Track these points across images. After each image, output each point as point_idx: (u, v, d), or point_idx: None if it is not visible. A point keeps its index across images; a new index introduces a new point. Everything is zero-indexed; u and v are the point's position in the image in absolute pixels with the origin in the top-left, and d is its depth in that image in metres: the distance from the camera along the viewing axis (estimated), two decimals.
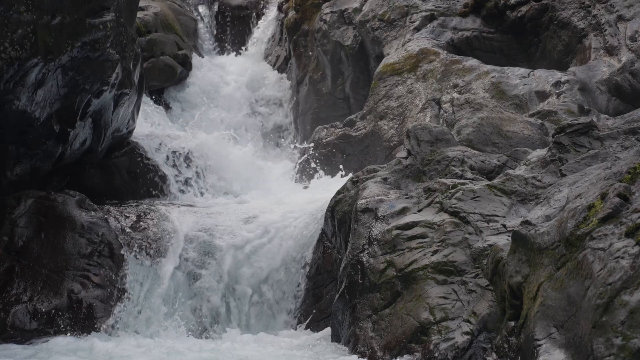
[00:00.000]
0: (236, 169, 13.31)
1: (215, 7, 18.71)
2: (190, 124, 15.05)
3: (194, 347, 9.04)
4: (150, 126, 14.58)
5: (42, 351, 9.06)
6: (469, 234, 8.23)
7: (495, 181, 8.72)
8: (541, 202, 7.77)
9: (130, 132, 12.48)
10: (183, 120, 15.58)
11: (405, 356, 7.78)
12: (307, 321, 9.92)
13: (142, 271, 10.16)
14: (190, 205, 11.75)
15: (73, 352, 8.97)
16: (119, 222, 10.53)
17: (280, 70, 17.28)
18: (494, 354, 7.11)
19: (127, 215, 10.79)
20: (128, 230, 10.44)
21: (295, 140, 15.43)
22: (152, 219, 10.73)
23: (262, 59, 17.81)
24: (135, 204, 11.53)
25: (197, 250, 10.35)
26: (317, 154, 13.95)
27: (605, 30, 12.64)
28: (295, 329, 9.91)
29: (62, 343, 9.33)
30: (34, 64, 9.78)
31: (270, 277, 10.18)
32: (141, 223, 10.65)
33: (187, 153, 13.01)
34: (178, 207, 11.50)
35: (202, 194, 12.76)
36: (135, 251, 10.23)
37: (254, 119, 16.71)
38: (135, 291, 10.03)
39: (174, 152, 12.88)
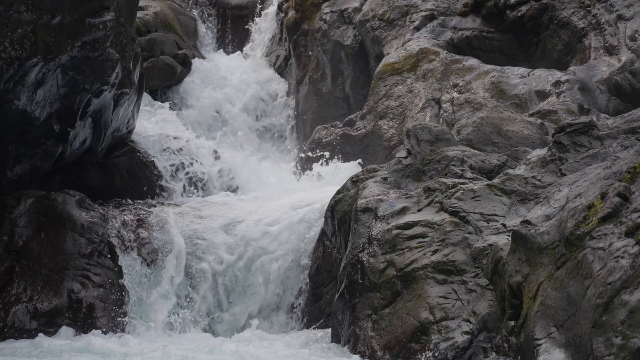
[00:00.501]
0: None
1: (215, 7, 18.69)
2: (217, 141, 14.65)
3: (195, 345, 9.03)
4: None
5: (44, 350, 9.05)
6: (469, 233, 8.23)
7: (495, 181, 8.72)
8: (541, 201, 7.78)
9: (130, 132, 12.47)
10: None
11: (405, 356, 7.78)
12: (307, 321, 9.93)
13: (142, 271, 10.16)
14: (177, 205, 11.65)
15: (74, 351, 8.97)
16: (119, 222, 10.53)
17: (280, 70, 17.25)
18: (493, 354, 7.11)
19: (127, 215, 10.79)
20: (128, 230, 10.44)
21: (304, 149, 15.08)
22: (152, 222, 10.73)
23: (262, 59, 17.76)
24: (134, 204, 11.52)
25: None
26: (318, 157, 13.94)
27: (605, 29, 12.64)
28: (295, 329, 9.92)
29: (62, 342, 9.33)
30: (33, 63, 9.78)
31: (247, 326, 10.11)
32: (141, 224, 10.65)
33: (207, 181, 12.76)
34: (173, 207, 11.48)
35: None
36: (135, 251, 10.23)
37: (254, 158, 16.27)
38: (135, 291, 10.03)
39: (192, 178, 12.60)
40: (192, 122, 15.87)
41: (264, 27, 18.17)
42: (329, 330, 9.29)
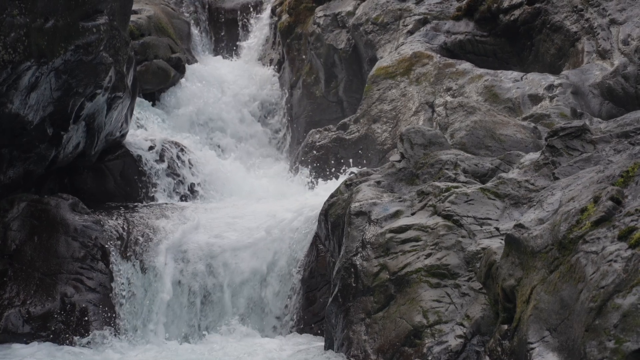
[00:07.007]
0: None
1: (209, 11, 18.67)
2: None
3: (183, 353, 9.01)
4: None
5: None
6: (462, 237, 8.23)
7: (489, 184, 8.72)
8: (534, 205, 7.78)
9: (123, 136, 12.46)
10: None
11: (398, 359, 7.78)
12: (300, 325, 9.92)
13: (135, 275, 10.15)
14: (171, 209, 11.58)
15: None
16: (112, 226, 10.51)
17: (273, 73, 17.23)
18: (487, 357, 7.11)
19: (121, 219, 10.77)
20: (121, 234, 10.42)
21: (298, 153, 14.90)
22: (146, 225, 10.70)
23: (256, 63, 17.75)
24: (128, 207, 11.50)
25: None
26: (309, 159, 13.93)
27: (598, 33, 12.67)
28: (288, 333, 9.90)
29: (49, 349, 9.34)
30: (27, 67, 9.76)
31: (239, 331, 10.04)
32: (135, 228, 10.64)
33: (199, 185, 12.73)
34: (168, 210, 11.46)
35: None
36: (128, 255, 10.21)
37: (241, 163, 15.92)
38: (128, 295, 10.01)
39: (184, 182, 12.54)
40: (185, 126, 15.84)
41: (258, 30, 18.17)
42: (322, 333, 9.29)
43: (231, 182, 13.10)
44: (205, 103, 16.31)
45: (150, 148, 12.66)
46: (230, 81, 17.07)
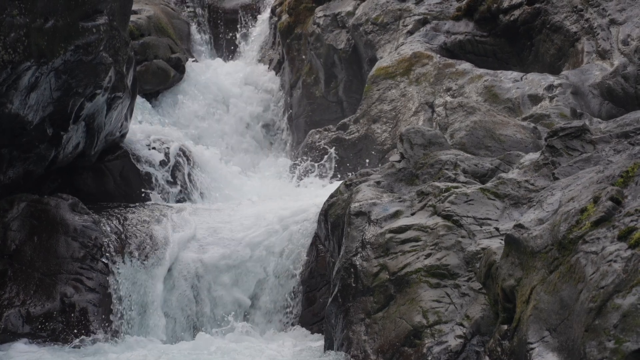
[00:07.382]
0: None
1: (209, 11, 18.66)
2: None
3: (183, 354, 9.01)
4: None
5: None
6: (462, 237, 8.23)
7: (488, 184, 8.73)
8: (534, 205, 7.78)
9: (123, 136, 12.46)
10: None
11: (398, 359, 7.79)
12: (299, 325, 9.92)
13: (135, 275, 10.15)
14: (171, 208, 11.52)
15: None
16: (112, 226, 10.51)
17: (274, 74, 17.22)
18: (487, 358, 7.12)
19: (121, 219, 10.77)
20: (121, 234, 10.42)
21: (298, 153, 14.83)
22: (146, 225, 10.69)
23: (256, 63, 17.72)
24: (127, 207, 11.50)
25: None
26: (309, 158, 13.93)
27: (598, 34, 12.67)
28: (288, 333, 9.90)
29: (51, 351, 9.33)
30: (26, 67, 9.76)
31: (238, 330, 9.97)
32: (134, 228, 10.63)
33: (198, 186, 12.71)
34: (169, 209, 11.44)
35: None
36: (128, 255, 10.21)
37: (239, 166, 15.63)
38: (128, 295, 10.01)
39: (184, 182, 12.51)
40: (183, 126, 15.78)
41: (258, 31, 18.17)
42: (322, 333, 9.29)
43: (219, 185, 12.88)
44: (204, 103, 16.17)
45: (162, 163, 12.47)
46: (229, 81, 16.93)
